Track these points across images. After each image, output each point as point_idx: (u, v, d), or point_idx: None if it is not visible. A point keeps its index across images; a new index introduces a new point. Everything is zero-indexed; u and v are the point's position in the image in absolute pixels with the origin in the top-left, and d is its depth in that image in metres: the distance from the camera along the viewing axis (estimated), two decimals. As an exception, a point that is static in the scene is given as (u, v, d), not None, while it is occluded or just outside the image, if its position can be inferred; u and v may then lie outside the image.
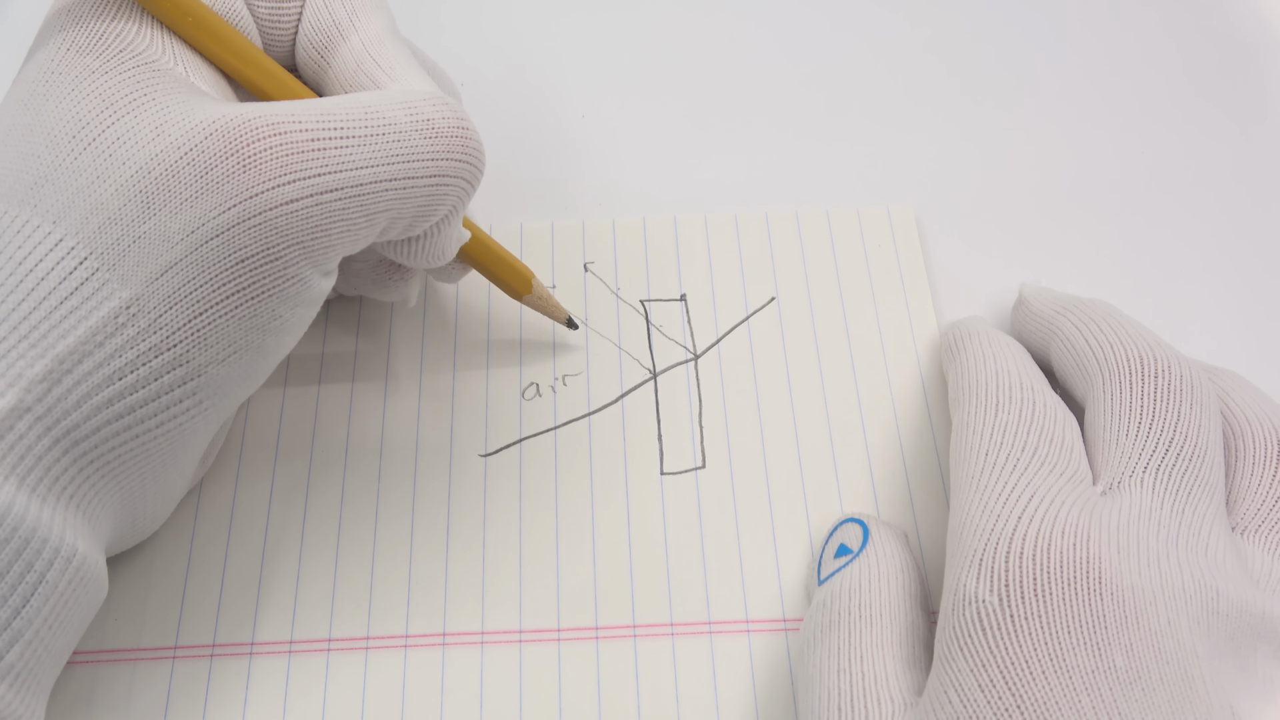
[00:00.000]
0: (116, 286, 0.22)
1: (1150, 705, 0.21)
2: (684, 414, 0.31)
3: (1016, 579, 0.22)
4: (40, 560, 0.21)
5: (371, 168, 0.24)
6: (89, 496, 0.23)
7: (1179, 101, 0.38)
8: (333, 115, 0.24)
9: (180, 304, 0.22)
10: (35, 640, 0.22)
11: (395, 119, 0.24)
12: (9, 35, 0.40)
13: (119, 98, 0.23)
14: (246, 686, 0.27)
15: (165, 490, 0.26)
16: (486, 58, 0.39)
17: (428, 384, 0.32)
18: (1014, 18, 0.40)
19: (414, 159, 0.24)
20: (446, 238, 0.27)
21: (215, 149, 0.22)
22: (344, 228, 0.24)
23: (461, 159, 0.25)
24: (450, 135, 0.25)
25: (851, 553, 0.27)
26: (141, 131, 0.23)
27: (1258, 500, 0.26)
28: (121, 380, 0.22)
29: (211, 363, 0.23)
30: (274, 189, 0.22)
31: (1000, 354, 0.28)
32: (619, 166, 0.37)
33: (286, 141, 0.23)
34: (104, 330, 0.22)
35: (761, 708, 0.27)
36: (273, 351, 0.25)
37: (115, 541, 0.26)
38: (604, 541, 0.29)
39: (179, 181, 0.22)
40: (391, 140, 0.24)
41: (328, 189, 0.23)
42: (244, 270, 0.23)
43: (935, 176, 0.36)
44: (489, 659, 0.27)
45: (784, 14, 0.41)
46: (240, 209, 0.22)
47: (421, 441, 0.31)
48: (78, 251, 0.22)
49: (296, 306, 0.24)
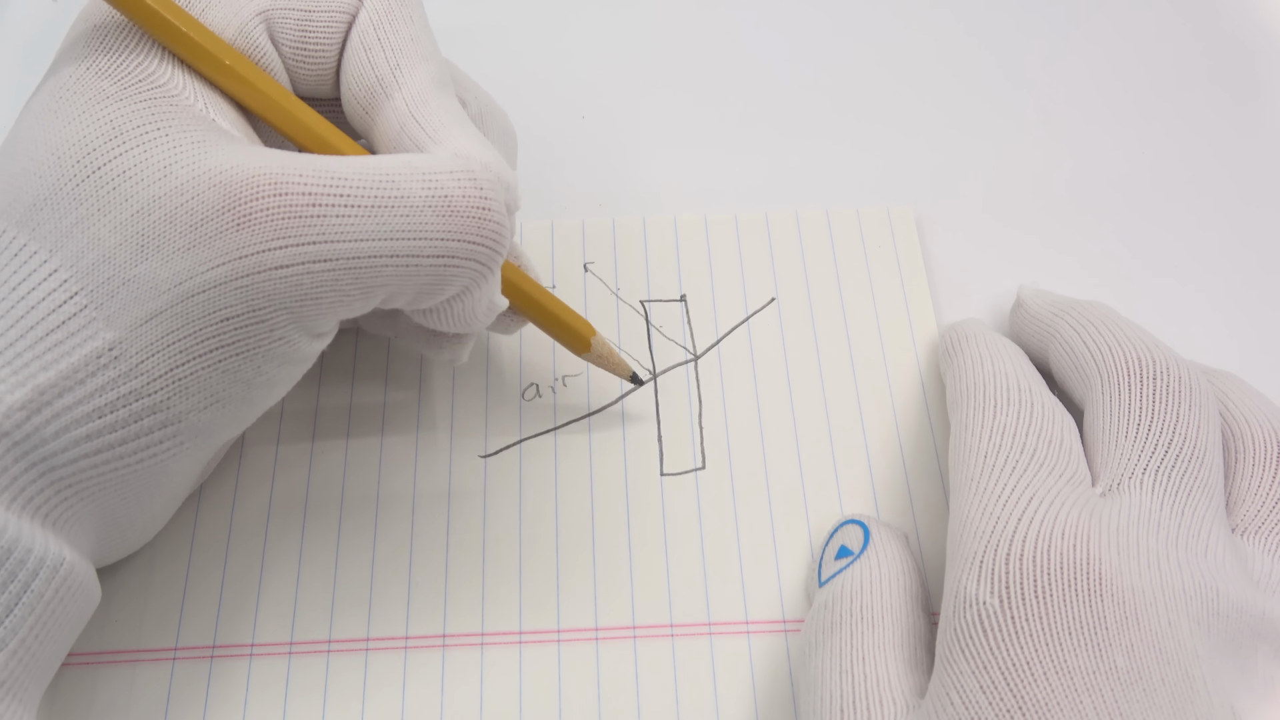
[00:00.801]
0: (101, 327, 0.22)
1: (1151, 706, 0.21)
2: (684, 415, 0.31)
3: (1017, 580, 0.22)
4: (25, 570, 0.21)
5: (372, 241, 0.23)
6: (66, 518, 0.23)
7: (1179, 102, 0.38)
8: (342, 180, 0.23)
9: (162, 353, 0.22)
10: (21, 649, 0.22)
11: (409, 191, 0.23)
12: (9, 35, 0.40)
13: (130, 127, 0.23)
14: (246, 688, 0.27)
15: (152, 512, 0.26)
16: (486, 58, 0.39)
17: (428, 385, 0.32)
18: (1015, 19, 0.40)
19: (422, 236, 0.23)
20: (469, 310, 0.25)
21: (214, 201, 0.22)
22: (336, 297, 0.23)
23: (476, 241, 0.24)
24: (467, 214, 0.23)
25: (852, 554, 0.27)
26: (149, 169, 0.22)
27: (1258, 502, 0.26)
28: (100, 419, 0.22)
29: (191, 411, 0.23)
30: (264, 252, 0.22)
31: (998, 356, 0.28)
32: (619, 166, 0.37)
33: (285, 204, 0.22)
34: (85, 369, 0.22)
35: (761, 709, 0.27)
36: (258, 403, 0.24)
37: (103, 554, 0.26)
38: (604, 542, 0.29)
39: (175, 230, 0.22)
40: (400, 214, 0.23)
41: (321, 258, 0.22)
42: (227, 328, 0.22)
43: (935, 177, 0.36)
44: (489, 660, 0.27)
45: (785, 15, 0.41)
46: (228, 268, 0.22)
47: (421, 442, 0.31)
48: (69, 285, 0.22)
49: (283, 365, 0.24)
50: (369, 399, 0.31)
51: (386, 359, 0.32)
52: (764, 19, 0.40)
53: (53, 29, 0.40)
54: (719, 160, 0.37)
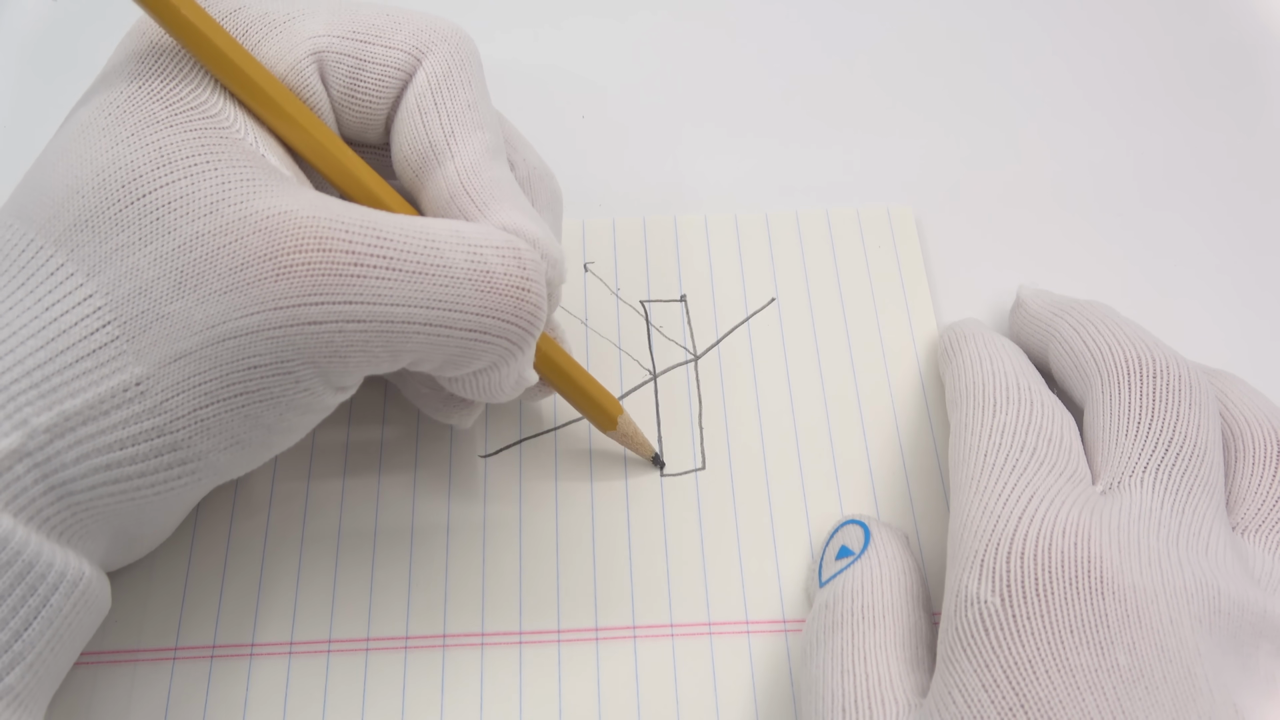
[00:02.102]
0: (130, 360, 0.22)
1: (1154, 704, 0.21)
2: (684, 415, 0.31)
3: (1018, 579, 0.22)
4: (45, 584, 0.21)
5: (408, 307, 0.22)
6: (79, 534, 0.23)
7: (1179, 102, 0.38)
8: (387, 240, 0.22)
9: (187, 393, 0.22)
10: (37, 662, 0.22)
11: (452, 261, 0.23)
12: (9, 35, 0.40)
13: (179, 156, 0.22)
14: (247, 688, 0.27)
15: (161, 527, 0.26)
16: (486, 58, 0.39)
17: (428, 385, 0.32)
18: (1015, 20, 0.40)
19: (458, 309, 0.23)
20: (496, 383, 0.25)
21: (257, 247, 0.21)
22: (364, 357, 0.23)
23: (512, 320, 0.23)
24: (506, 293, 0.23)
25: (853, 554, 0.27)
26: (195, 203, 0.22)
27: (1258, 500, 0.26)
28: (120, 451, 0.22)
29: (211, 451, 0.23)
30: (300, 307, 0.22)
31: (997, 355, 0.28)
32: (619, 166, 0.37)
33: (327, 259, 0.22)
34: (111, 400, 0.22)
35: (761, 709, 0.27)
36: (277, 446, 0.24)
37: (109, 563, 0.26)
38: (604, 543, 0.29)
39: (214, 271, 0.22)
40: (439, 284, 0.23)
41: (355, 318, 0.22)
42: (254, 375, 0.22)
43: (935, 177, 0.36)
44: (489, 660, 0.27)
45: (785, 15, 0.41)
46: (262, 318, 0.22)
47: (421, 442, 0.31)
48: (103, 314, 0.22)
49: (305, 414, 0.24)
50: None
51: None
52: (766, 19, 0.40)
53: (53, 29, 0.40)
54: (719, 160, 0.37)
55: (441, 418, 0.28)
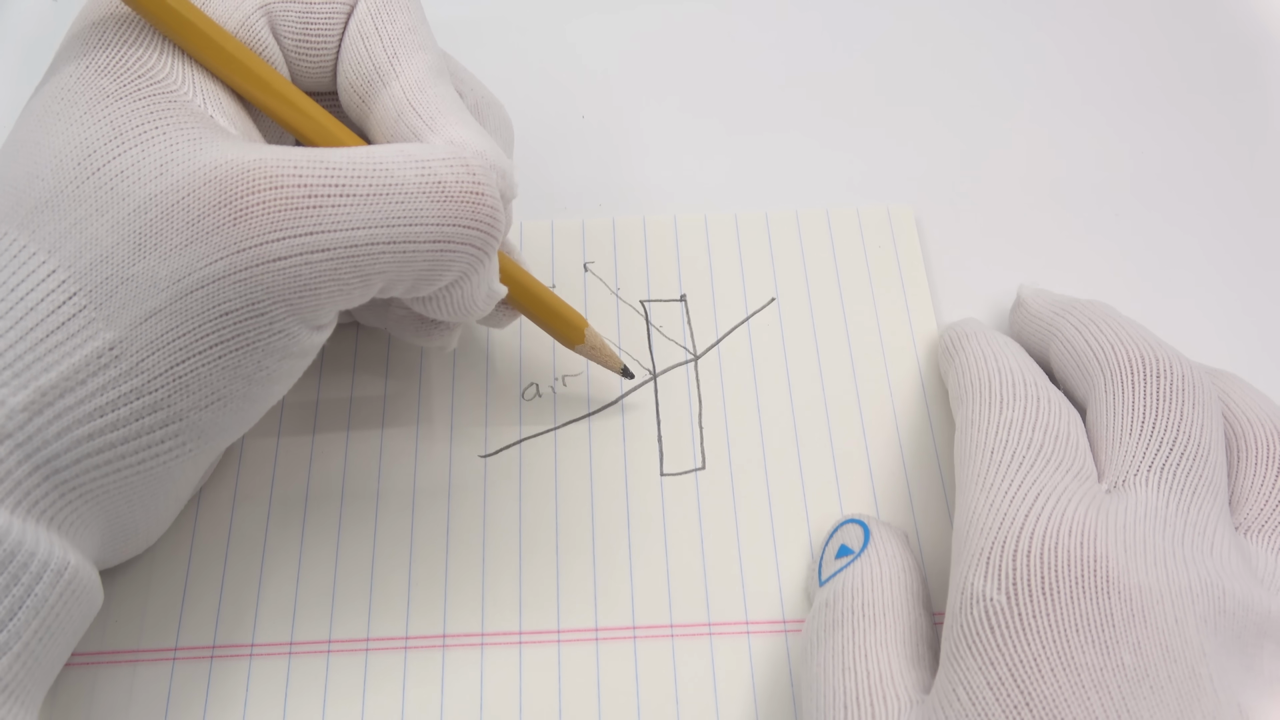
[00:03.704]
0: (101, 326, 0.22)
1: (1158, 703, 0.21)
2: (684, 415, 0.31)
3: (1024, 577, 0.22)
4: (28, 574, 0.21)
5: (368, 229, 0.23)
6: (71, 520, 0.23)
7: (1179, 102, 0.38)
8: (337, 170, 0.23)
9: (162, 350, 0.22)
10: (24, 653, 0.22)
11: (403, 178, 0.23)
12: (9, 35, 0.40)
13: (129, 127, 0.23)
14: (246, 688, 0.27)
15: (156, 514, 0.26)
16: (487, 58, 0.39)
17: (427, 385, 0.32)
18: (1016, 19, 0.40)
19: (417, 223, 0.23)
20: (468, 296, 0.26)
21: (210, 197, 0.22)
22: (335, 287, 0.23)
23: (471, 225, 0.24)
24: (461, 199, 0.24)
25: (853, 553, 0.27)
26: (146, 167, 0.22)
27: (1260, 500, 0.26)
28: (102, 418, 0.22)
29: (193, 409, 0.23)
30: (262, 245, 0.22)
31: (1001, 352, 0.28)
32: (619, 166, 0.37)
33: (281, 196, 0.22)
34: (86, 369, 0.22)
35: (761, 709, 0.27)
36: (260, 400, 0.24)
37: (108, 557, 0.26)
38: (604, 542, 0.29)
39: (172, 226, 0.22)
40: (395, 201, 0.23)
41: (319, 248, 0.22)
42: (227, 323, 0.22)
43: (935, 177, 0.36)
44: (489, 660, 0.27)
45: (785, 14, 0.41)
46: (226, 262, 0.22)
47: (421, 442, 0.31)
48: (68, 286, 0.22)
49: (284, 359, 0.24)
50: (369, 396, 0.31)
51: (386, 357, 0.32)
52: (765, 19, 0.40)
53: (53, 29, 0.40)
54: (719, 160, 0.37)
55: (422, 342, 0.29)
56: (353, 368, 0.32)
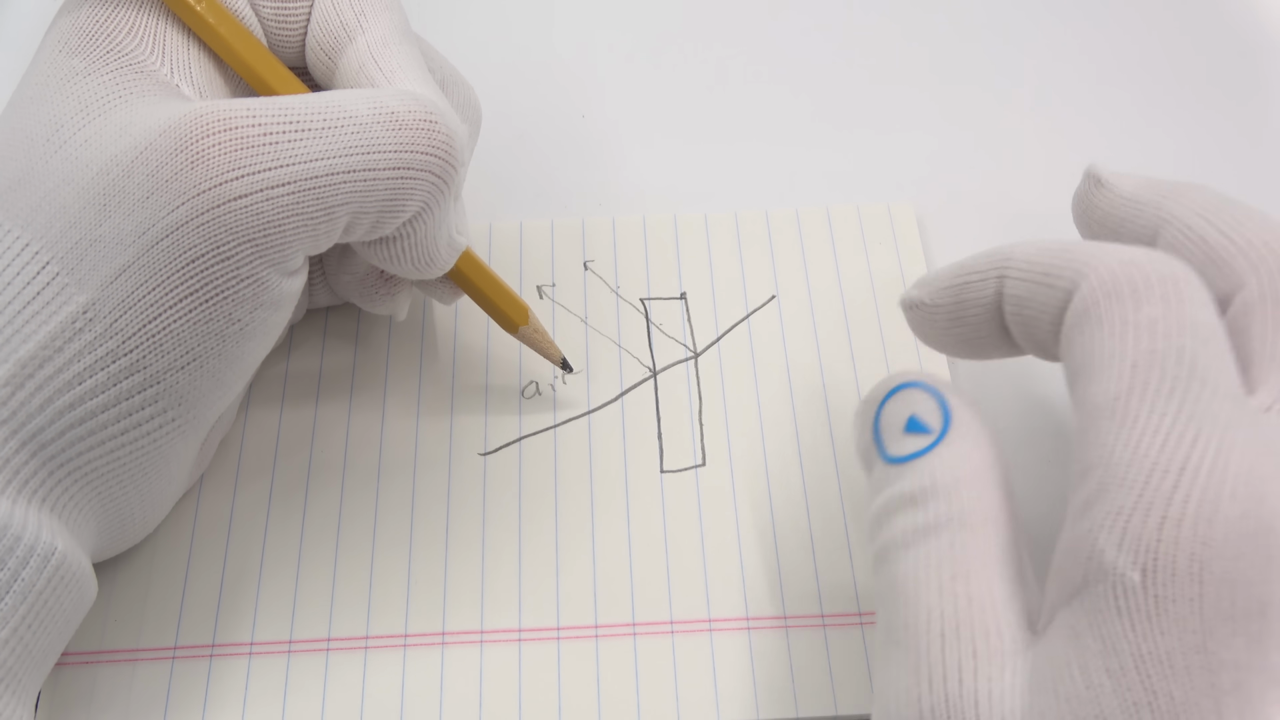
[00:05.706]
0: (74, 291, 0.22)
1: None
2: (684, 412, 0.31)
3: (1170, 554, 0.18)
4: (14, 558, 0.21)
5: (327, 159, 0.23)
6: (65, 503, 0.23)
7: (1180, 101, 0.38)
8: (291, 109, 0.23)
9: (134, 308, 0.22)
10: (14, 639, 0.22)
11: (357, 111, 0.23)
12: (9, 35, 0.40)
13: (95, 100, 0.23)
14: (246, 686, 0.27)
15: (151, 498, 0.26)
16: (486, 57, 0.39)
17: (427, 383, 0.32)
18: (1017, 17, 0.40)
19: (374, 150, 0.23)
20: (430, 241, 0.26)
21: (166, 146, 0.22)
22: (299, 223, 0.23)
23: (428, 151, 0.24)
24: (415, 127, 0.24)
25: (928, 431, 0.22)
26: (107, 133, 0.23)
27: None
28: (81, 385, 0.22)
29: (170, 369, 0.23)
30: (221, 185, 0.22)
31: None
32: (619, 166, 0.37)
33: (237, 136, 0.22)
34: (63, 335, 0.22)
35: (762, 705, 0.27)
36: (236, 359, 0.24)
37: (106, 546, 0.26)
38: (604, 540, 0.29)
39: (133, 181, 0.22)
40: (350, 132, 0.23)
41: (279, 182, 0.22)
42: (195, 271, 0.22)
43: (936, 174, 0.36)
44: (488, 658, 0.27)
45: (784, 13, 0.41)
46: (188, 207, 0.22)
47: (420, 440, 0.31)
48: (41, 256, 0.22)
49: (256, 309, 0.24)
50: (369, 396, 0.31)
51: (386, 359, 0.32)
52: (765, 18, 0.40)
53: (53, 30, 0.40)
54: (719, 158, 0.37)
55: (370, 307, 0.29)
56: (353, 368, 0.32)
